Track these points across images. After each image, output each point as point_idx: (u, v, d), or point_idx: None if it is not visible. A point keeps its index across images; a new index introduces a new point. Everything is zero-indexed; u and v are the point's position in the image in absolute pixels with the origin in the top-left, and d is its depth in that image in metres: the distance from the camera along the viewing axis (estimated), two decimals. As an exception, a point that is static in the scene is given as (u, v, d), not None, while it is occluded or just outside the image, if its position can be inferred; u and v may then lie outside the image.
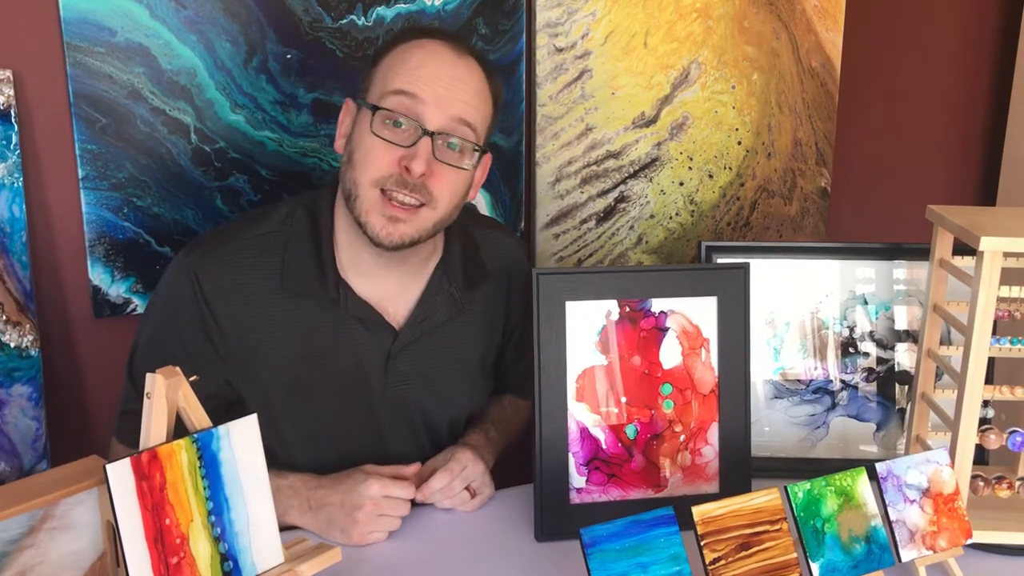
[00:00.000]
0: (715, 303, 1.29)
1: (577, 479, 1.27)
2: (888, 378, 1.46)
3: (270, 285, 1.29)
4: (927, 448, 1.30)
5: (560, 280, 1.25)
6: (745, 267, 1.29)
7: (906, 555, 1.14)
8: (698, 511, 1.05)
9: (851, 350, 1.45)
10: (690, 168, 1.93)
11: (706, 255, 1.45)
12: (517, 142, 1.80)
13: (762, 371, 1.45)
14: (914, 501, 1.16)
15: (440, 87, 1.22)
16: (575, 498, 1.27)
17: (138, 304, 1.58)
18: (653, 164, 1.90)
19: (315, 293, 1.29)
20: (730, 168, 1.96)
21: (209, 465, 0.95)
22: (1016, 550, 1.23)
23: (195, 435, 0.94)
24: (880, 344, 1.45)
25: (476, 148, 1.26)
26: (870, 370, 1.46)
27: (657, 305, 1.28)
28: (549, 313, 1.24)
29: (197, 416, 0.95)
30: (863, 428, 1.46)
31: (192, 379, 0.94)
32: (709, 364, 1.29)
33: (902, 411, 1.45)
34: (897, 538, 1.14)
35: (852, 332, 1.45)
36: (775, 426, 1.46)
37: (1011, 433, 1.22)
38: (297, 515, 1.26)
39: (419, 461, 1.33)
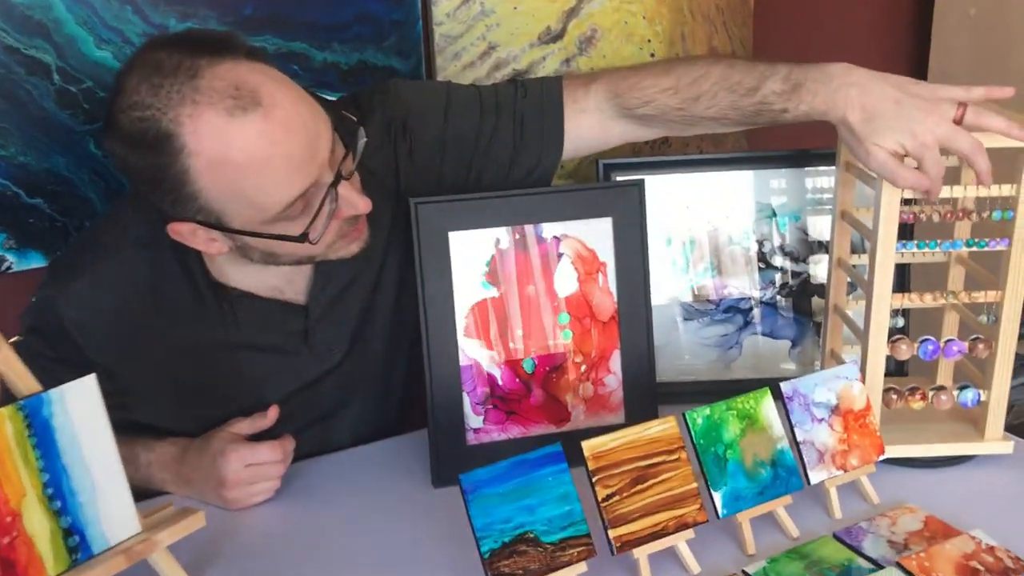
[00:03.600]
0: (610, 224, 1.21)
1: (474, 419, 1.20)
2: (802, 292, 1.39)
3: (142, 311, 1.16)
4: (843, 363, 1.24)
5: (441, 208, 1.16)
6: (639, 184, 1.20)
7: (815, 477, 1.09)
8: (588, 445, 0.99)
9: (762, 265, 1.39)
10: (601, 84, 1.83)
11: (604, 173, 1.36)
12: (416, 65, 1.69)
13: (669, 292, 1.38)
14: (823, 420, 1.10)
15: (302, 146, 1.01)
16: (472, 439, 1.20)
17: (13, 262, 1.46)
18: (562, 82, 1.80)
19: (195, 314, 1.18)
20: (644, 82, 1.87)
21: (41, 434, 0.86)
22: (930, 462, 1.18)
23: (21, 402, 0.85)
24: (792, 257, 1.39)
25: (357, 129, 1.09)
26: (783, 285, 1.39)
27: (549, 230, 1.20)
28: (431, 245, 1.16)
29: (24, 381, 0.87)
30: (779, 345, 1.40)
31: (12, 340, 0.85)
32: (607, 289, 1.22)
33: (818, 325, 1.40)
34: (805, 460, 1.09)
35: (762, 246, 1.38)
36: (689, 349, 1.40)
37: (923, 342, 1.16)
38: (174, 488, 1.18)
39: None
